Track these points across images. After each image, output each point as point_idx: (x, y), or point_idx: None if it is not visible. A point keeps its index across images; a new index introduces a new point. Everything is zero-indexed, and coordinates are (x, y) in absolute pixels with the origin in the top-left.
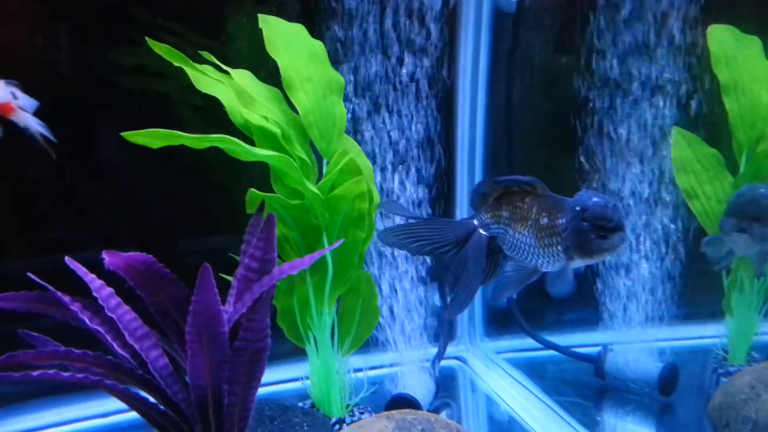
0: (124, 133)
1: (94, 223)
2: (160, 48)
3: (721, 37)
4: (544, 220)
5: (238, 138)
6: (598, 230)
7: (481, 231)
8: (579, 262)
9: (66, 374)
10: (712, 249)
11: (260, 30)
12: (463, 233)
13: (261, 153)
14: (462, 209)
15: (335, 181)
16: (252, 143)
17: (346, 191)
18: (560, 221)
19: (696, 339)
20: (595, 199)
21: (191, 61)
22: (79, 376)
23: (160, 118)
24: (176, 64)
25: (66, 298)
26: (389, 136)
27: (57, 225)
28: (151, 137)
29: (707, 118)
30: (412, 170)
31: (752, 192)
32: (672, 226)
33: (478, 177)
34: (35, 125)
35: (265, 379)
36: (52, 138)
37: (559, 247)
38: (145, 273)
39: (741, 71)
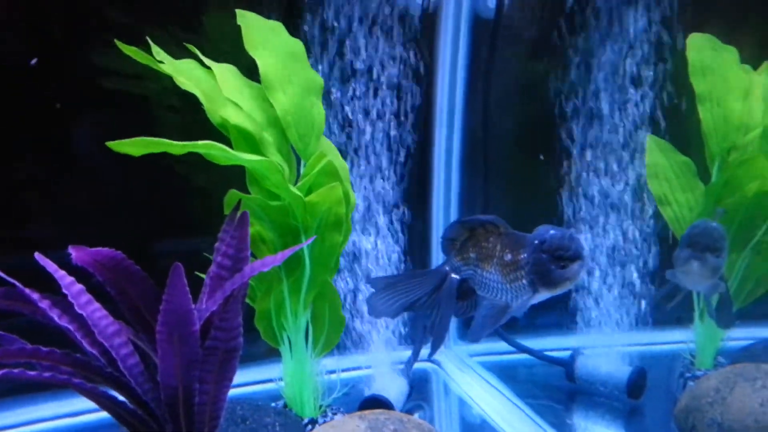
0: (110, 143)
1: (68, 223)
2: (129, 50)
3: (699, 47)
4: (508, 257)
5: (216, 138)
6: (557, 260)
7: (453, 275)
8: (545, 294)
9: (33, 373)
10: (668, 285)
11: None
12: (437, 280)
13: (245, 158)
14: (438, 214)
15: (313, 184)
16: (229, 142)
17: (321, 198)
18: (522, 256)
19: (664, 344)
20: (552, 231)
21: (156, 61)
22: (47, 374)
23: (138, 117)
24: (155, 66)
25: (35, 295)
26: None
27: (29, 224)
28: (136, 146)
29: (678, 125)
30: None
31: (705, 224)
32: (642, 231)
33: (454, 183)
34: None
35: (239, 380)
36: None
37: (524, 281)
38: (114, 269)
39: (717, 81)
